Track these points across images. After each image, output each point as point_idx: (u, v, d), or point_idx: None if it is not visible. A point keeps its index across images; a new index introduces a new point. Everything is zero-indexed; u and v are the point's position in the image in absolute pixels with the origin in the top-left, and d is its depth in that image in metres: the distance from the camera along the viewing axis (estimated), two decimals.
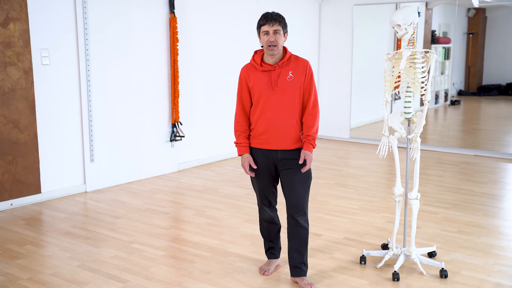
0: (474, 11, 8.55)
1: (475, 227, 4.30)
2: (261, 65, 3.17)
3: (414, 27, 3.29)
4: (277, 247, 3.50)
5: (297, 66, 3.16)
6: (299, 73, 3.15)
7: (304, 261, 3.27)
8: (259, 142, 3.22)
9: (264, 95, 3.16)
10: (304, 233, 3.24)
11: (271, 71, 3.15)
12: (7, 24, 4.63)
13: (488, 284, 3.26)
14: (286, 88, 3.14)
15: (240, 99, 3.27)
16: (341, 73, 8.22)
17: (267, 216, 3.37)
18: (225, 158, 6.94)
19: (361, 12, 8.08)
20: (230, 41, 6.81)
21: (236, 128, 3.28)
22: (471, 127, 8.76)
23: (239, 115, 3.28)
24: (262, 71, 3.17)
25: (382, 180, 5.94)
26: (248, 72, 3.23)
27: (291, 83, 3.14)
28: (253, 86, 3.19)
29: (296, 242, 3.25)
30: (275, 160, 3.21)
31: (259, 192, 3.33)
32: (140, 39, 5.68)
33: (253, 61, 3.21)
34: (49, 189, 5.07)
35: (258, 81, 3.17)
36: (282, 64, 3.15)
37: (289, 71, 3.14)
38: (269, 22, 3.06)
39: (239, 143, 3.26)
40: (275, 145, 3.18)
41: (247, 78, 3.22)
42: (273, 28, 3.06)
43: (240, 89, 3.26)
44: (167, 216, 4.63)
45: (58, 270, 3.47)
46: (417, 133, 3.36)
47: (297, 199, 3.20)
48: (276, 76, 3.14)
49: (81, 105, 5.24)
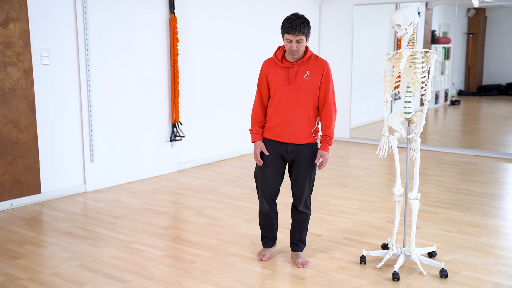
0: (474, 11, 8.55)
1: (475, 227, 4.30)
2: (282, 61, 3.35)
3: (414, 27, 3.29)
4: (271, 237, 3.68)
5: (316, 66, 3.33)
6: (317, 73, 3.32)
7: (301, 239, 3.59)
8: (272, 134, 3.42)
9: (280, 90, 3.34)
10: (304, 217, 3.55)
11: (290, 68, 3.33)
12: (7, 24, 4.63)
13: (488, 284, 3.26)
14: (302, 86, 3.31)
15: (259, 90, 3.47)
16: (341, 73, 8.22)
17: (265, 209, 3.55)
18: (225, 158, 6.94)
19: (361, 12, 8.08)
20: (230, 41, 6.81)
21: (253, 117, 3.49)
22: (471, 127, 8.76)
23: (257, 105, 3.48)
24: (282, 67, 3.35)
25: (382, 180, 5.94)
26: (269, 66, 3.41)
27: (307, 81, 3.30)
28: (271, 80, 3.38)
29: (296, 223, 3.57)
30: (283, 152, 3.41)
31: (261, 183, 3.49)
32: (140, 39, 5.68)
33: (275, 57, 3.39)
34: (49, 189, 5.07)
35: (276, 76, 3.36)
36: (301, 62, 3.32)
37: (307, 70, 3.31)
38: (293, 32, 3.20)
39: (253, 130, 3.48)
40: (286, 139, 3.37)
41: (267, 71, 3.41)
42: (297, 38, 3.22)
43: (260, 81, 3.46)
44: (167, 216, 4.63)
45: (58, 270, 3.47)
46: (417, 133, 3.36)
47: (300, 192, 3.46)
48: (294, 73, 3.31)
49: (81, 105, 5.24)
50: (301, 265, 3.51)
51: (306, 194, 3.48)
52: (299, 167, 3.41)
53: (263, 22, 7.26)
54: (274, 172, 3.44)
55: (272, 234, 3.67)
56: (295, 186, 3.47)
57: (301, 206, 3.51)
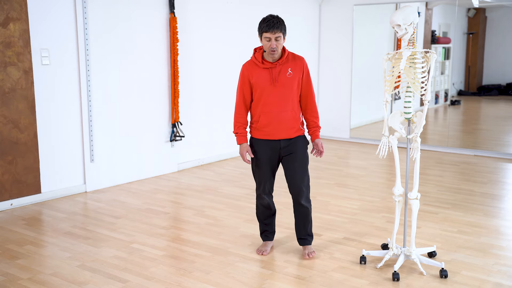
0: (474, 11, 8.55)
1: (475, 227, 4.30)
2: (262, 63, 3.46)
3: (414, 27, 3.29)
4: (271, 230, 3.80)
5: (295, 64, 3.48)
6: (298, 70, 3.48)
7: (308, 233, 3.71)
8: (262, 134, 3.53)
9: (266, 90, 3.45)
10: (306, 211, 3.64)
11: (272, 68, 3.45)
12: (7, 24, 4.63)
13: (488, 284, 3.26)
14: (286, 84, 3.45)
15: (242, 93, 3.54)
16: (341, 73, 8.22)
17: (265, 202, 3.69)
18: (225, 158, 6.94)
19: (361, 12, 8.08)
20: (230, 41, 6.81)
21: (236, 120, 3.58)
22: (471, 127, 8.76)
23: (240, 108, 3.57)
24: (264, 68, 3.46)
25: (382, 180, 5.94)
26: (250, 69, 3.51)
27: (290, 79, 3.46)
28: (255, 83, 3.48)
29: (300, 219, 3.67)
30: (278, 149, 3.54)
31: (260, 180, 3.62)
32: (140, 39, 5.68)
33: (255, 59, 3.50)
34: (49, 189, 5.07)
35: (260, 78, 3.46)
36: (281, 62, 3.45)
37: (288, 68, 3.46)
38: (271, 30, 3.31)
39: (238, 133, 3.57)
40: (278, 136, 3.50)
41: (250, 74, 3.50)
42: (275, 35, 3.33)
43: (241, 84, 3.54)
44: (167, 216, 4.63)
45: (58, 270, 3.47)
46: (417, 133, 3.36)
47: (298, 184, 3.56)
48: (277, 73, 3.44)
49: (81, 105, 5.24)
50: (307, 256, 3.63)
51: (305, 185, 3.59)
52: (294, 159, 3.54)
53: None
54: (269, 169, 3.58)
55: (272, 226, 3.80)
56: (294, 179, 3.56)
57: (303, 199, 3.59)
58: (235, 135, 3.58)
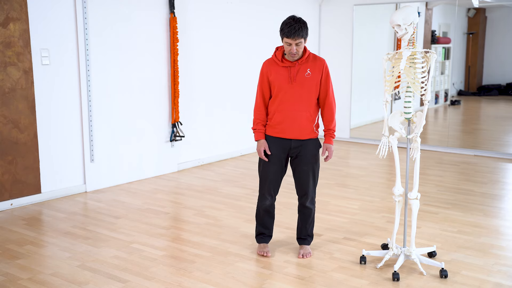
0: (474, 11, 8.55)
1: (475, 227, 4.30)
2: (282, 61, 3.47)
3: (414, 27, 3.29)
4: (268, 234, 3.77)
5: (315, 65, 3.46)
6: (317, 71, 3.46)
7: (308, 233, 3.72)
8: (275, 131, 3.53)
9: (283, 89, 3.46)
10: (308, 212, 3.66)
11: (291, 67, 3.45)
12: (7, 24, 4.63)
13: (488, 284, 3.26)
14: (304, 84, 3.45)
15: (261, 90, 3.56)
16: (341, 73, 8.22)
17: (267, 204, 3.66)
18: (225, 158, 6.94)
19: (361, 12, 8.08)
20: (230, 41, 6.81)
21: (255, 116, 3.60)
22: (471, 127, 8.76)
23: (259, 105, 3.58)
24: (283, 66, 3.47)
25: (382, 180, 5.94)
26: (269, 66, 3.52)
27: (308, 79, 3.45)
28: (273, 80, 3.49)
29: (304, 220, 3.69)
30: (288, 148, 3.53)
31: (265, 178, 3.59)
32: (140, 39, 5.68)
33: (275, 57, 3.50)
34: (49, 189, 5.07)
35: (278, 75, 3.47)
36: (301, 62, 3.44)
37: (307, 68, 3.45)
38: (292, 36, 3.31)
39: (256, 129, 3.58)
40: (290, 135, 3.50)
41: (268, 72, 3.51)
42: (296, 41, 3.33)
43: (261, 81, 3.56)
44: (167, 216, 4.63)
45: (58, 270, 3.47)
46: (417, 133, 3.36)
47: (304, 186, 3.58)
48: (295, 72, 3.44)
49: (81, 105, 5.24)
50: (301, 256, 3.64)
51: (312, 188, 3.59)
52: (303, 162, 3.53)
53: (263, 21, 7.26)
54: (278, 168, 3.57)
55: (270, 230, 3.77)
56: (301, 181, 3.58)
57: (308, 202, 3.60)
58: (253, 131, 3.59)
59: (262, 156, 3.53)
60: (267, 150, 3.52)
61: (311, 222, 3.71)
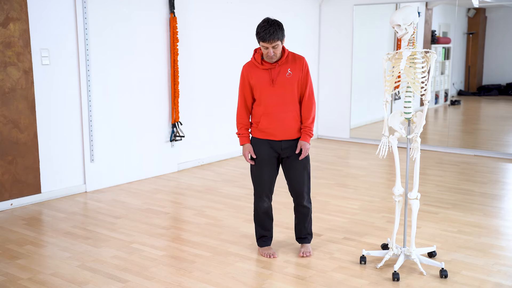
0: (474, 11, 8.55)
1: (475, 227, 4.30)
2: (262, 64, 3.45)
3: (414, 27, 3.29)
4: (269, 236, 3.75)
5: (295, 64, 3.46)
6: (297, 70, 3.45)
7: (308, 232, 3.73)
8: (264, 135, 3.52)
9: (265, 91, 3.45)
10: (306, 211, 3.67)
11: (272, 69, 3.44)
12: (7, 24, 4.63)
13: (488, 284, 3.26)
14: (286, 84, 3.44)
15: (243, 94, 3.55)
16: (341, 73, 8.22)
17: (265, 206, 3.64)
18: (225, 158, 6.94)
19: (361, 12, 8.08)
20: (230, 41, 6.81)
21: (238, 121, 3.58)
22: (471, 127, 8.76)
23: (241, 109, 3.57)
24: (263, 69, 3.45)
25: (382, 180, 5.94)
26: (249, 70, 3.50)
27: (290, 79, 3.44)
28: (255, 84, 3.47)
29: (300, 219, 3.69)
30: (278, 150, 3.52)
31: (260, 181, 3.58)
32: (140, 39, 5.68)
33: (254, 60, 3.49)
34: (49, 189, 5.07)
35: (259, 79, 3.46)
36: (281, 62, 3.43)
37: (287, 68, 3.44)
38: (267, 40, 3.28)
39: (241, 134, 3.57)
40: (279, 136, 3.49)
41: (249, 76, 3.50)
42: (272, 44, 3.30)
43: (242, 85, 3.54)
44: (167, 216, 4.63)
45: (58, 270, 3.47)
46: (417, 133, 3.36)
47: (299, 186, 3.58)
48: (276, 74, 3.43)
49: (81, 105, 5.24)
50: (302, 254, 3.66)
51: (306, 187, 3.60)
52: (295, 162, 3.54)
53: None
54: (270, 170, 3.57)
55: (270, 232, 3.75)
56: (294, 181, 3.58)
57: (304, 201, 3.62)
58: (237, 136, 3.58)
59: (248, 161, 3.54)
60: (252, 154, 3.52)
61: (309, 220, 3.72)
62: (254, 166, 3.58)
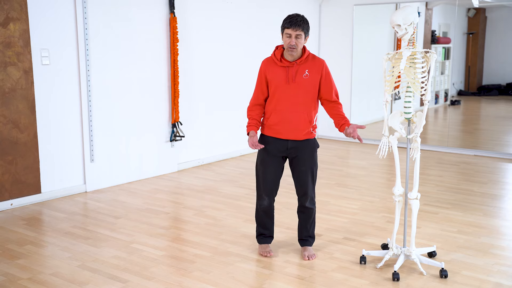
0: (474, 11, 8.55)
1: (475, 227, 4.30)
2: (281, 61, 3.44)
3: (414, 27, 3.29)
4: (268, 234, 3.76)
5: (314, 65, 3.44)
6: (315, 72, 3.43)
7: (310, 234, 3.71)
8: (272, 132, 3.51)
9: (280, 89, 3.44)
10: (310, 212, 3.65)
11: (289, 67, 3.42)
12: (7, 24, 4.63)
13: (488, 284, 3.26)
14: (302, 84, 3.42)
15: (259, 88, 3.54)
16: (341, 73, 8.21)
17: (265, 205, 3.63)
18: (225, 158, 6.94)
19: (361, 12, 8.08)
20: (230, 41, 6.81)
21: (249, 113, 3.57)
22: (471, 127, 8.76)
23: (254, 102, 3.57)
24: (281, 66, 3.44)
25: (382, 180, 5.94)
26: (268, 65, 3.50)
27: (306, 80, 3.42)
28: (271, 79, 3.47)
29: (304, 221, 3.68)
30: (284, 149, 3.51)
31: (262, 179, 3.58)
32: (140, 39, 5.68)
33: (274, 56, 3.48)
34: (49, 189, 5.07)
35: (276, 75, 3.45)
36: (300, 62, 3.42)
37: (305, 69, 3.42)
38: (293, 27, 3.30)
39: (250, 123, 3.54)
40: (286, 136, 3.48)
41: (266, 70, 3.50)
42: (296, 32, 3.31)
43: (259, 79, 3.54)
44: (167, 216, 4.63)
45: (58, 270, 3.47)
46: (417, 133, 3.36)
47: (305, 188, 3.56)
48: (293, 73, 3.42)
49: (81, 105, 5.24)
50: (307, 258, 3.62)
51: (311, 189, 3.58)
52: (301, 163, 3.53)
53: (263, 21, 7.26)
54: (275, 168, 3.56)
55: (270, 231, 3.75)
56: (299, 182, 3.58)
57: (307, 202, 3.60)
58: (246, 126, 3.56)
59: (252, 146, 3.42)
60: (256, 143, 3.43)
61: (312, 223, 3.70)
62: (259, 164, 3.59)
